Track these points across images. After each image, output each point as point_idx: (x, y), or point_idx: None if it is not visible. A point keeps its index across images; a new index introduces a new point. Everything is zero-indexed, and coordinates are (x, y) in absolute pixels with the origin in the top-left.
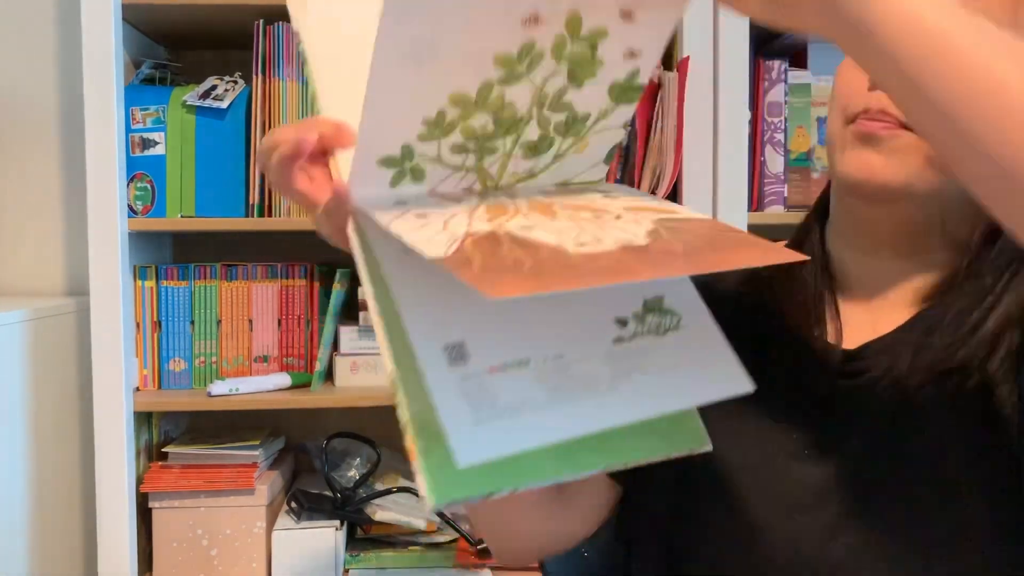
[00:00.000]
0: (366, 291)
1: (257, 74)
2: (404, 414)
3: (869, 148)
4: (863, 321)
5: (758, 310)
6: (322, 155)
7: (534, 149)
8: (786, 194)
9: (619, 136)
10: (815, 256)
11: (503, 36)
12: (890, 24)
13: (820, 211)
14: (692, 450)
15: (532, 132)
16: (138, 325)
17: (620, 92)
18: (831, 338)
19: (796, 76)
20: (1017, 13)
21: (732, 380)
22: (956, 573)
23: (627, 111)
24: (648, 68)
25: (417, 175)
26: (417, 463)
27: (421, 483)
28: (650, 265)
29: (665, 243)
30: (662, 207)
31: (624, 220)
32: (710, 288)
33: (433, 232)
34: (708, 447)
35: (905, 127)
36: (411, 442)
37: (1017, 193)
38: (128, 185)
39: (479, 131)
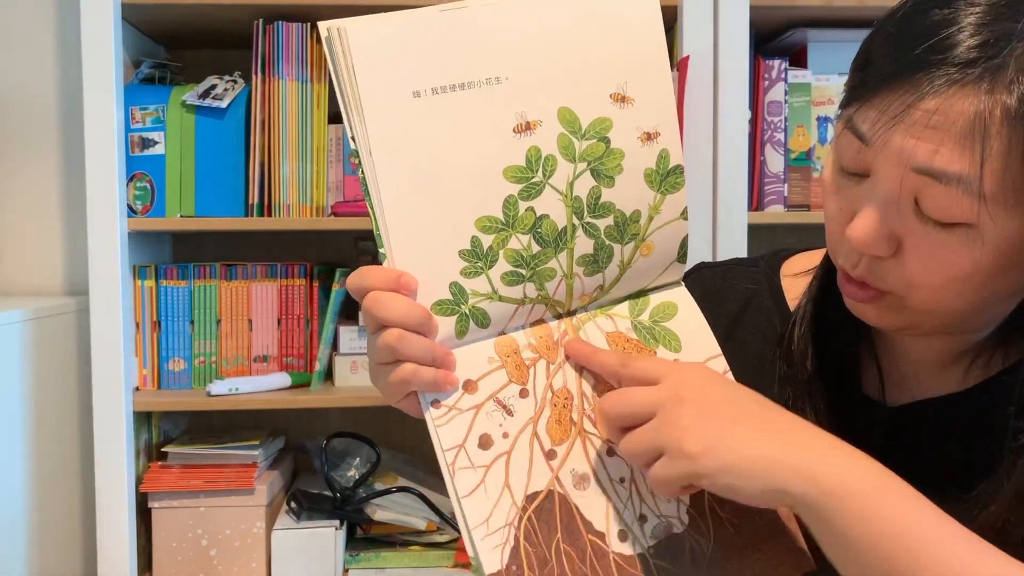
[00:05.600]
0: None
1: (256, 73)
2: None
3: (860, 302)
4: (903, 370)
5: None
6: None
7: (594, 262)
8: (786, 194)
9: (683, 229)
10: (843, 313)
11: (502, 149)
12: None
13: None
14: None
15: (585, 244)
16: (137, 325)
17: (660, 180)
18: (871, 390)
19: (796, 75)
20: None
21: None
22: None
23: (678, 199)
24: (674, 146)
25: (480, 318)
26: None
27: None
28: None
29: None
30: None
31: None
32: (741, 322)
33: (491, 498)
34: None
35: (887, 291)
36: None
37: None
38: (127, 185)
39: (525, 254)
